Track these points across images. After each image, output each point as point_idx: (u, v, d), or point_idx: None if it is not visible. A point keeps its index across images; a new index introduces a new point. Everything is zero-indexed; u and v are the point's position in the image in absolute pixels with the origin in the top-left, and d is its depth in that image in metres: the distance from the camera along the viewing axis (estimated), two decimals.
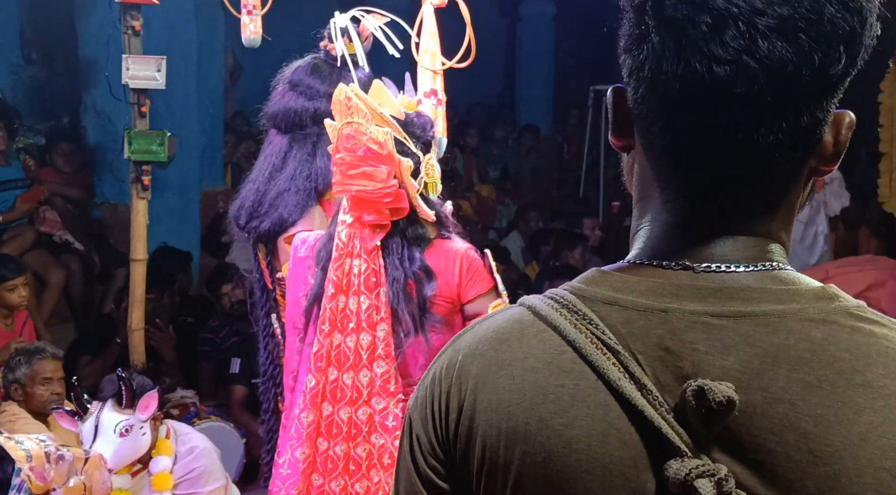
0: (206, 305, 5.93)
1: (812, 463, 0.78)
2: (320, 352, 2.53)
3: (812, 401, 0.79)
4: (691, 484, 0.78)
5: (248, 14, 3.69)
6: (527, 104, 10.35)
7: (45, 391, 3.90)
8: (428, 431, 0.93)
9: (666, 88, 0.84)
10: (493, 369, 0.89)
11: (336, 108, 2.55)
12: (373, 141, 2.49)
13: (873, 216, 6.47)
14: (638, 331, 0.85)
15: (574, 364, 0.85)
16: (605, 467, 0.82)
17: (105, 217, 6.44)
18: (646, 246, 0.91)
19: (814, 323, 0.82)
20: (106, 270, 5.93)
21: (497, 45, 10.50)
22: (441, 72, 3.05)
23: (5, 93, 6.52)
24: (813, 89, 0.82)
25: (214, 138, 7.14)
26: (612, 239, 7.99)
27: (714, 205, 0.88)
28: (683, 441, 0.80)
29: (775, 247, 0.89)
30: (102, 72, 5.88)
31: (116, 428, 3.13)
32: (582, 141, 9.50)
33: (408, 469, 0.95)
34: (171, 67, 4.20)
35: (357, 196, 2.50)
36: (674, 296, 0.85)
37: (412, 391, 1.46)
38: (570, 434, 0.84)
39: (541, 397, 0.86)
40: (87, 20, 6.27)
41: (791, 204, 0.90)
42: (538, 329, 0.89)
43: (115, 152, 5.80)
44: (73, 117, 6.77)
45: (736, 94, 0.81)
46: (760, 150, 0.83)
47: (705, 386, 0.79)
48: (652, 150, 0.89)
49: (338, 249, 2.52)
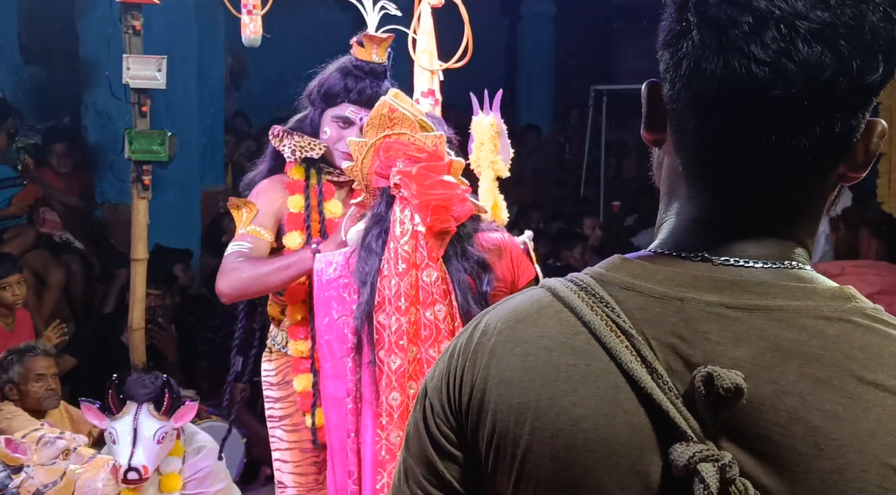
0: (206, 305, 5.94)
1: (818, 457, 0.79)
2: (402, 368, 2.45)
3: (821, 397, 0.80)
4: (694, 467, 0.79)
5: (248, 14, 3.69)
6: (527, 104, 10.35)
7: (39, 388, 3.93)
8: (442, 400, 0.95)
9: (703, 86, 0.84)
10: (509, 346, 0.91)
11: (374, 122, 2.50)
12: (421, 149, 2.47)
13: (874, 216, 6.47)
14: (653, 317, 0.86)
15: (588, 345, 0.87)
16: (610, 447, 0.83)
17: (106, 216, 6.45)
18: (668, 237, 0.92)
19: (828, 320, 0.83)
20: (107, 270, 5.94)
21: (497, 45, 10.50)
22: (439, 72, 3.05)
23: (6, 92, 6.52)
24: (849, 97, 0.82)
25: (215, 138, 7.15)
26: (612, 238, 8.00)
27: (740, 206, 0.88)
28: (690, 426, 0.81)
29: (798, 250, 0.90)
30: (103, 71, 5.89)
31: (155, 435, 3.12)
32: (582, 141, 9.50)
33: (420, 435, 0.97)
34: (171, 67, 4.20)
35: (438, 205, 2.46)
36: (691, 286, 0.86)
37: None
38: (578, 412, 0.85)
39: (553, 375, 0.87)
40: (88, 20, 6.28)
41: (817, 209, 0.90)
42: (556, 309, 0.90)
43: (116, 152, 5.80)
44: (73, 117, 6.78)
45: (773, 96, 0.81)
46: (792, 154, 0.84)
47: (714, 373, 0.79)
48: (683, 147, 0.90)
49: (405, 261, 2.44)
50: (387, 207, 2.52)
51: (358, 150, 2.54)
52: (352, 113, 2.95)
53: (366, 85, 2.95)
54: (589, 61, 10.96)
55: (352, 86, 2.95)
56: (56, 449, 2.96)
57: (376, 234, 2.51)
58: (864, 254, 6.28)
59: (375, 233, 2.51)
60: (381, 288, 2.45)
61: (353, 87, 2.95)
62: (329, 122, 2.98)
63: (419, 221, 2.45)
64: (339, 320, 2.59)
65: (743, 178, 0.87)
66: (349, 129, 2.95)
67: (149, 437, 3.11)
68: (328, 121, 2.98)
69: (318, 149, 2.94)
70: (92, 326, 5.53)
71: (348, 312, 2.56)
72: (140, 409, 3.14)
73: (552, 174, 9.96)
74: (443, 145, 2.50)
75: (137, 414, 3.13)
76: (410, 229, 2.45)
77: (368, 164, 2.55)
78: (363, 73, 2.96)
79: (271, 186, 3.01)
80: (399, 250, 2.45)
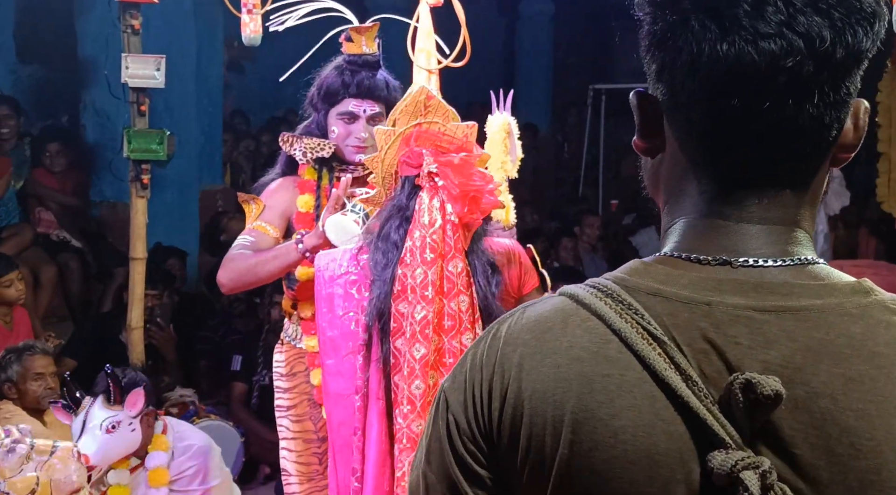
0: (204, 304, 5.94)
1: (854, 457, 0.79)
2: (426, 358, 2.45)
3: (853, 396, 0.80)
4: (737, 475, 0.78)
5: (248, 13, 3.69)
6: (525, 103, 10.34)
7: (38, 387, 3.94)
8: (468, 416, 0.92)
9: (709, 70, 0.85)
10: (538, 358, 0.89)
11: (408, 108, 2.48)
12: (451, 140, 2.46)
13: (872, 216, 6.48)
14: (682, 322, 0.85)
15: (620, 354, 0.85)
16: (651, 458, 0.83)
17: (104, 216, 6.44)
18: (682, 239, 0.92)
19: (852, 318, 0.84)
20: (105, 269, 5.93)
21: (496, 44, 10.49)
22: (436, 71, 3.05)
23: (4, 91, 6.52)
24: (845, 65, 0.85)
25: (213, 137, 7.15)
26: (611, 237, 8.00)
27: (750, 191, 0.89)
28: (728, 433, 0.81)
29: (804, 238, 0.90)
30: (101, 71, 5.89)
31: (103, 425, 3.15)
32: (581, 140, 9.50)
33: (443, 452, 0.94)
34: (170, 66, 4.20)
35: (474, 196, 2.46)
36: (716, 290, 0.86)
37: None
38: (616, 424, 0.84)
39: (587, 387, 0.85)
40: (87, 19, 6.27)
41: (816, 191, 0.91)
42: (582, 317, 0.89)
43: (115, 151, 5.79)
44: (72, 116, 6.77)
45: (781, 68, 0.83)
46: (800, 128, 0.85)
47: (753, 380, 0.79)
48: (689, 141, 0.90)
49: (433, 250, 2.43)
50: (408, 197, 2.49)
51: (385, 139, 2.52)
52: (354, 106, 3.02)
53: (362, 76, 3.01)
54: (587, 60, 10.96)
55: (349, 80, 3.01)
56: (18, 455, 2.95)
57: (396, 224, 2.49)
58: (863, 253, 6.29)
59: (395, 224, 2.49)
60: (401, 277, 2.43)
61: (351, 81, 3.00)
62: (334, 120, 3.04)
63: (452, 211, 2.44)
64: (344, 317, 2.57)
65: (751, 162, 0.88)
66: (355, 123, 3.02)
67: (94, 427, 3.14)
68: (333, 120, 3.04)
69: (329, 148, 3.01)
70: (90, 326, 5.52)
71: (355, 309, 2.55)
72: (93, 403, 3.19)
73: (550, 173, 9.96)
74: (473, 136, 2.49)
75: (90, 407, 3.18)
76: (439, 219, 2.44)
77: (393, 154, 2.52)
78: (358, 66, 3.02)
79: (282, 186, 3.09)
80: (427, 239, 2.43)
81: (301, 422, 3.11)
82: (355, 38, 3.01)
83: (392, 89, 3.08)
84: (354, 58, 3.03)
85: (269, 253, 2.89)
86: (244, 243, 2.96)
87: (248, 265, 2.89)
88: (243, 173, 7.60)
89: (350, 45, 3.03)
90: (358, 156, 3.00)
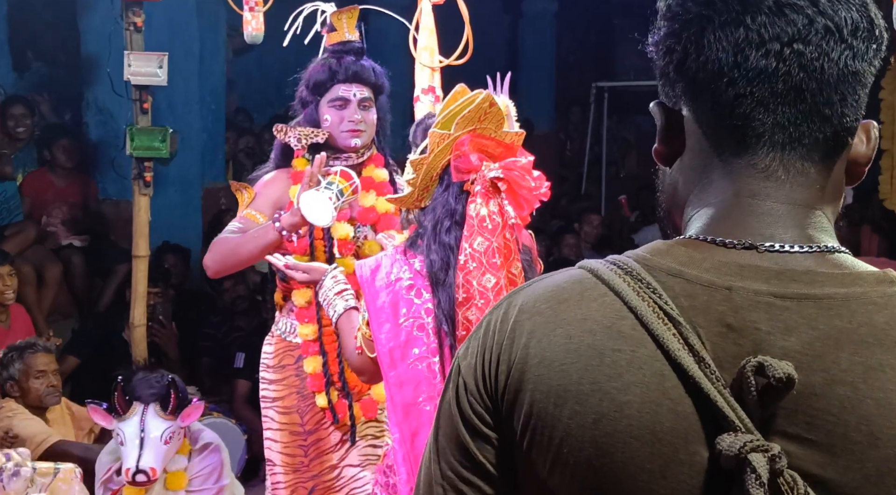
0: (207, 301, 5.94)
1: (873, 445, 0.79)
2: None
3: (874, 384, 0.80)
4: (745, 457, 0.78)
5: (249, 10, 3.70)
6: (528, 101, 10.34)
7: (40, 384, 3.94)
8: (476, 378, 0.93)
9: (743, 44, 0.88)
10: (550, 327, 0.89)
11: (470, 115, 2.41)
12: (498, 144, 2.46)
13: (875, 213, 6.47)
14: (700, 305, 0.85)
15: (633, 330, 0.85)
16: (654, 435, 0.82)
17: (107, 213, 6.45)
18: (708, 222, 0.92)
19: (877, 307, 0.83)
20: (108, 267, 5.93)
21: (499, 42, 10.48)
22: (439, 69, 3.05)
23: (7, 89, 6.53)
24: (867, 47, 0.88)
25: (216, 134, 7.15)
26: (616, 235, 7.99)
27: (774, 158, 0.90)
28: (738, 416, 0.80)
29: (827, 225, 0.91)
30: (104, 68, 5.88)
31: (163, 436, 3.12)
32: (584, 137, 9.49)
33: (451, 414, 0.94)
34: (172, 64, 4.21)
35: (531, 199, 2.45)
36: (738, 275, 0.86)
37: None
38: (622, 398, 0.84)
39: (597, 359, 0.85)
40: (89, 17, 6.28)
41: (838, 183, 0.92)
42: (599, 292, 0.89)
43: (117, 148, 5.80)
44: (75, 114, 6.78)
45: (814, 34, 0.86)
46: (823, 112, 0.88)
47: (766, 362, 0.79)
48: (716, 122, 0.91)
49: (500, 254, 2.39)
50: (456, 201, 2.45)
51: (438, 141, 2.45)
52: (344, 91, 3.04)
53: (349, 61, 3.04)
54: (590, 58, 10.95)
55: (336, 67, 3.04)
56: (23, 478, 2.94)
57: (447, 227, 2.44)
58: (866, 250, 6.27)
59: (446, 226, 2.44)
60: (465, 284, 2.37)
61: (338, 67, 3.04)
62: (326, 109, 3.06)
63: (514, 214, 2.41)
64: (405, 324, 2.47)
65: (780, 140, 0.89)
66: (347, 108, 3.03)
67: (156, 438, 3.10)
68: (325, 108, 3.06)
69: (322, 135, 3.02)
70: (92, 323, 5.53)
71: (416, 314, 2.47)
72: (147, 410, 3.13)
73: (553, 171, 9.95)
74: (520, 141, 2.49)
75: (144, 414, 3.12)
76: (501, 222, 2.40)
77: (442, 158, 2.47)
78: (343, 53, 3.06)
79: (276, 178, 3.12)
80: (493, 244, 2.39)
81: (288, 415, 3.14)
82: (337, 25, 3.04)
83: (378, 74, 3.10)
84: (338, 46, 3.07)
85: (247, 234, 2.93)
86: (232, 229, 3.00)
87: (230, 247, 2.95)
88: (246, 171, 7.59)
89: (333, 34, 3.06)
90: (353, 140, 3.04)
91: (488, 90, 2.46)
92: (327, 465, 3.16)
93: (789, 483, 0.78)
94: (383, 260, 2.54)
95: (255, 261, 3.05)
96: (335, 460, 3.16)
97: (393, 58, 3.08)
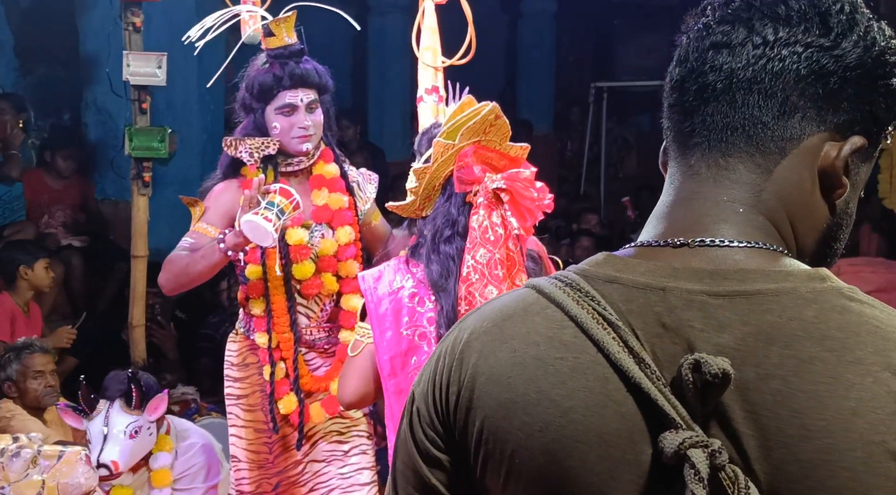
0: (205, 301, 5.93)
1: (804, 438, 0.80)
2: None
3: (804, 378, 0.81)
4: (684, 453, 0.79)
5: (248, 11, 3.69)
6: (527, 101, 10.35)
7: (38, 385, 3.93)
8: (428, 404, 0.95)
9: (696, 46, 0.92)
10: (496, 344, 0.91)
11: (475, 126, 2.41)
12: (502, 156, 2.45)
13: (874, 213, 6.47)
14: (637, 308, 0.87)
15: (575, 338, 0.88)
16: (601, 438, 0.84)
17: (106, 213, 6.44)
18: (653, 225, 0.95)
19: (806, 302, 0.84)
20: (107, 267, 5.93)
21: (498, 42, 10.48)
22: (442, 69, 3.05)
23: (6, 89, 6.52)
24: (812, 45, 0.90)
25: (215, 134, 7.13)
26: (616, 235, 7.99)
27: (701, 169, 0.93)
28: (679, 414, 0.82)
29: (764, 224, 0.91)
30: (103, 68, 5.88)
31: (126, 430, 3.11)
32: (583, 138, 9.49)
33: (405, 440, 0.98)
34: (171, 64, 4.21)
35: (535, 210, 2.44)
36: (671, 276, 0.88)
37: None
38: (567, 404, 0.86)
39: (541, 369, 0.88)
40: (88, 17, 6.28)
41: (791, 185, 0.92)
42: (542, 306, 0.91)
43: (116, 149, 5.80)
44: (74, 114, 6.77)
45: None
46: (744, 102, 0.90)
47: (701, 360, 0.80)
48: (670, 134, 0.96)
49: (502, 266, 2.38)
50: (458, 212, 2.44)
51: (442, 151, 2.44)
52: (290, 98, 3.04)
53: (292, 66, 3.04)
54: (589, 58, 10.95)
55: (280, 73, 3.03)
56: (23, 460, 2.93)
57: (447, 236, 2.44)
58: (865, 250, 6.27)
59: (447, 235, 2.44)
60: (467, 296, 2.37)
61: (283, 73, 3.03)
62: (273, 116, 3.06)
63: (517, 225, 2.40)
64: (406, 333, 2.46)
65: (703, 139, 0.93)
66: (295, 114, 3.04)
67: (119, 432, 3.10)
68: (272, 116, 3.06)
69: (273, 145, 3.03)
70: (92, 323, 5.52)
71: (419, 322, 2.46)
72: (112, 406, 3.14)
73: (552, 171, 9.95)
74: (525, 154, 2.48)
75: (109, 411, 3.13)
76: (503, 233, 2.40)
77: (445, 168, 2.46)
78: (285, 58, 3.05)
79: (226, 188, 3.13)
80: (496, 256, 2.39)
81: (253, 412, 3.18)
82: (275, 31, 3.04)
83: (321, 74, 3.10)
84: (279, 50, 3.05)
85: (197, 253, 2.94)
86: (184, 245, 3.01)
87: (181, 267, 2.96)
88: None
89: (271, 39, 3.06)
90: (304, 145, 3.05)
91: (494, 103, 2.45)
92: (292, 461, 3.20)
93: (731, 477, 0.79)
94: (385, 269, 2.53)
95: (207, 278, 3.07)
96: (299, 456, 3.19)
97: (393, 58, 3.08)
